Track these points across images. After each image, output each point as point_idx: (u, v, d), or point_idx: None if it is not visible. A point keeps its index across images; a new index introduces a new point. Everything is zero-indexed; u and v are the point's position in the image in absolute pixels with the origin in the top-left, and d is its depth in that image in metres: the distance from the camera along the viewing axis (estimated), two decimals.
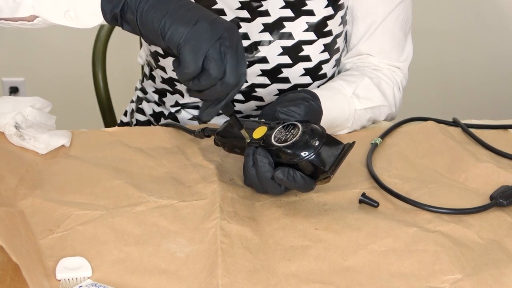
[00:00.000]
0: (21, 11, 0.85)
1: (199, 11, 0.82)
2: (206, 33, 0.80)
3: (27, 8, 0.84)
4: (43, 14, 0.85)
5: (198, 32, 0.80)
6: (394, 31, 1.20)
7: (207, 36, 0.80)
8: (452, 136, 1.11)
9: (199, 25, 0.80)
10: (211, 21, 0.81)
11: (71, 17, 0.84)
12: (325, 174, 0.88)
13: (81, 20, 0.84)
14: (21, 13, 0.85)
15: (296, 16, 1.15)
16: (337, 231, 0.88)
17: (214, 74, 0.81)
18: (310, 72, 1.17)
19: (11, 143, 1.03)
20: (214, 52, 0.80)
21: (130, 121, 1.38)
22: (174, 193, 0.95)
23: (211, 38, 0.80)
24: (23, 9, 0.85)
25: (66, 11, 0.83)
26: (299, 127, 0.90)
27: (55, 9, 0.83)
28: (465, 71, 2.44)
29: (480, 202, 0.95)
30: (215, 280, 0.78)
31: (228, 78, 0.82)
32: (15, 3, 0.85)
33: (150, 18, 0.81)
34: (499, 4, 2.35)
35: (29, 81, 2.48)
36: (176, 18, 0.80)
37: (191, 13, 0.81)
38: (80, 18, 0.84)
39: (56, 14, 0.84)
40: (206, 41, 0.80)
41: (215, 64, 0.81)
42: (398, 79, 1.23)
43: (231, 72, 0.82)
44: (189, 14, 0.81)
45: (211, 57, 0.81)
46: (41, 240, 0.85)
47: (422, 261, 0.83)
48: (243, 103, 1.20)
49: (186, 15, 0.81)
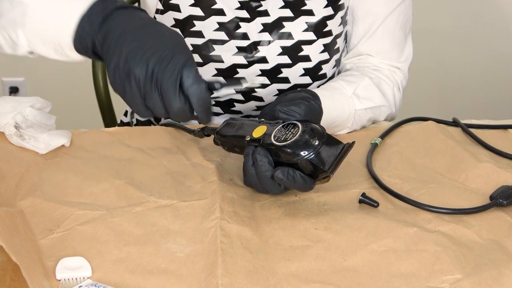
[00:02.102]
0: (19, 49, 0.92)
1: (131, 60, 0.83)
2: (135, 85, 0.83)
3: (23, 46, 0.91)
4: (37, 51, 0.92)
5: (130, 87, 0.84)
6: (394, 32, 1.21)
7: (138, 86, 0.83)
8: (452, 136, 1.11)
9: (128, 80, 0.83)
10: (138, 69, 0.82)
11: (60, 53, 0.90)
12: (324, 174, 0.88)
13: (69, 56, 0.90)
14: (20, 51, 0.92)
15: (295, 16, 1.15)
16: (337, 231, 0.88)
17: (161, 114, 0.85)
18: (309, 72, 1.17)
19: (11, 143, 1.03)
20: (148, 98, 0.83)
21: (130, 121, 1.38)
22: (174, 193, 0.95)
23: (142, 87, 0.83)
24: (21, 48, 0.92)
25: (55, 49, 0.90)
26: (299, 126, 0.90)
27: (46, 47, 0.90)
28: (465, 71, 2.44)
29: (480, 202, 0.95)
30: (215, 280, 0.78)
31: (169, 110, 0.84)
32: (13, 42, 0.91)
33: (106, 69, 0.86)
34: (499, 4, 2.35)
35: (29, 81, 2.48)
36: (113, 76, 0.84)
37: (124, 67, 0.83)
38: (68, 55, 0.90)
39: (48, 51, 0.91)
40: (138, 92, 0.83)
41: (154, 107, 0.84)
42: (398, 79, 1.23)
43: (168, 105, 0.83)
44: (122, 69, 0.83)
45: (148, 103, 0.84)
46: (41, 240, 0.85)
47: (422, 261, 0.83)
48: (243, 103, 1.20)
49: (120, 71, 0.83)
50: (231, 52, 1.15)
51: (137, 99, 0.83)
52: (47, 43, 0.90)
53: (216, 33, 1.14)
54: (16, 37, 0.90)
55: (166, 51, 0.83)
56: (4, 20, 0.90)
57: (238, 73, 1.16)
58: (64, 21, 0.87)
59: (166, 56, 0.83)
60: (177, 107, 0.83)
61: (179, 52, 0.83)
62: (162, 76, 0.82)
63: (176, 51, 0.83)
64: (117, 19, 0.85)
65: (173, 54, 0.83)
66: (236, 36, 1.14)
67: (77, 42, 0.87)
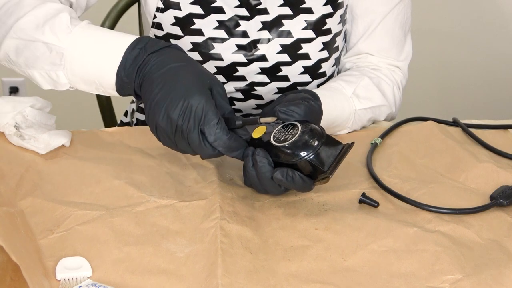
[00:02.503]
0: (61, 87, 0.98)
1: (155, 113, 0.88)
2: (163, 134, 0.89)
3: (65, 85, 0.97)
4: (79, 88, 0.98)
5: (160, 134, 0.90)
6: (393, 30, 1.21)
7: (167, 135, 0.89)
8: (452, 136, 1.11)
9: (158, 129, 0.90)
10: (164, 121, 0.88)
11: (103, 91, 0.95)
12: (323, 174, 0.88)
13: (112, 94, 0.95)
14: (61, 88, 0.98)
15: (294, 14, 1.15)
16: (337, 231, 0.88)
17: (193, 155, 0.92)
18: (309, 70, 1.17)
19: (11, 143, 1.03)
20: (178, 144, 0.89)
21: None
22: (174, 193, 0.95)
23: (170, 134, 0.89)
24: (62, 86, 0.98)
25: (97, 88, 0.95)
26: (298, 127, 0.90)
27: (88, 86, 0.96)
28: (465, 71, 2.44)
29: (480, 202, 0.95)
30: (215, 280, 0.78)
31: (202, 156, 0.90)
32: (53, 80, 0.97)
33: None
34: (499, 4, 2.35)
35: (29, 81, 2.47)
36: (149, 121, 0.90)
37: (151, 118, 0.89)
38: (111, 93, 0.95)
39: (90, 89, 0.96)
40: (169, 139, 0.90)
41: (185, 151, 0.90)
42: (397, 78, 1.23)
43: (199, 153, 0.89)
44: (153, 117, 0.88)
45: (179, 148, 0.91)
46: (41, 240, 0.85)
47: (422, 261, 0.83)
48: (243, 102, 1.20)
49: (152, 119, 0.88)
50: (231, 50, 1.15)
51: (171, 144, 0.90)
52: (89, 83, 0.95)
53: (215, 31, 1.14)
54: (57, 77, 0.96)
55: (186, 103, 0.86)
56: (42, 62, 0.95)
57: (237, 71, 1.16)
58: (103, 70, 0.92)
59: (186, 108, 0.86)
60: (207, 154, 0.89)
61: (200, 102, 0.87)
62: (187, 129, 0.86)
63: (196, 101, 0.87)
64: (150, 66, 0.89)
65: (193, 107, 0.86)
66: (236, 34, 1.14)
67: (120, 91, 0.93)
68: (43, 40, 0.95)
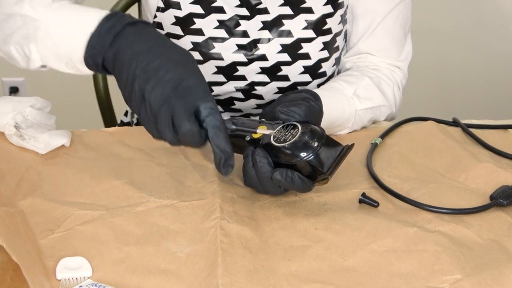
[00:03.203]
0: (33, 64, 0.94)
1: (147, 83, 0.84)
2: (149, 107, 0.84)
3: (36, 61, 0.94)
4: (50, 65, 0.94)
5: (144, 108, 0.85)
6: (394, 30, 1.21)
7: (152, 109, 0.84)
8: (452, 136, 1.11)
9: (144, 102, 0.84)
10: (153, 93, 0.83)
11: (72, 67, 0.92)
12: (323, 176, 0.88)
13: (79, 69, 0.92)
14: (32, 65, 0.95)
15: (295, 14, 1.15)
16: (337, 231, 0.88)
17: (167, 139, 0.85)
18: (309, 70, 1.17)
19: (11, 143, 1.03)
20: (159, 121, 0.84)
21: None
22: (174, 193, 0.95)
23: (155, 110, 0.84)
24: (34, 62, 0.94)
25: (67, 63, 0.92)
26: (298, 127, 0.90)
27: (58, 61, 0.93)
28: (465, 71, 2.44)
29: (480, 202, 0.95)
30: (215, 279, 0.78)
31: (181, 135, 0.84)
32: (26, 56, 0.94)
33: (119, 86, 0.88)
34: (499, 4, 2.35)
35: (29, 81, 2.48)
36: (127, 96, 0.86)
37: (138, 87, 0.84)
38: (79, 69, 0.92)
39: (60, 65, 0.93)
40: (151, 114, 0.84)
41: (162, 129, 0.84)
42: (397, 78, 1.23)
43: (180, 128, 0.84)
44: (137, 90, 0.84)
45: (158, 125, 0.84)
46: (41, 240, 0.85)
47: (422, 261, 0.83)
48: (243, 102, 1.20)
49: (135, 92, 0.85)
50: (231, 50, 1.15)
51: (150, 121, 0.85)
52: (59, 58, 0.92)
53: (216, 31, 1.14)
54: (29, 51, 0.93)
55: (182, 77, 0.84)
56: (18, 35, 0.93)
57: (238, 71, 1.16)
58: (75, 39, 0.89)
59: (182, 82, 0.84)
60: (187, 128, 0.83)
61: (195, 79, 0.85)
62: (177, 102, 0.83)
63: (192, 78, 0.84)
64: (128, 38, 0.87)
65: (191, 82, 0.84)
66: (236, 34, 1.14)
67: (88, 60, 0.89)
68: (21, 13, 0.93)
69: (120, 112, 1.46)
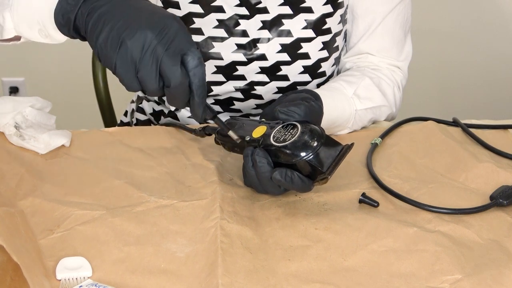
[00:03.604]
0: (6, 33, 0.91)
1: (125, 27, 0.81)
2: (131, 53, 0.80)
3: (10, 30, 0.90)
4: (23, 34, 0.91)
5: (123, 55, 0.80)
6: (394, 30, 1.21)
7: (132, 55, 0.80)
8: (452, 136, 1.11)
9: (122, 47, 0.80)
10: (134, 37, 0.80)
11: (45, 35, 0.89)
12: (322, 175, 0.88)
13: (52, 37, 0.89)
14: (6, 35, 0.91)
15: (294, 14, 1.15)
16: (337, 231, 0.88)
17: (150, 88, 0.81)
18: (309, 70, 1.17)
19: (11, 143, 1.03)
20: (143, 68, 0.80)
21: (130, 121, 1.38)
22: (174, 193, 0.95)
23: (137, 55, 0.80)
24: (7, 31, 0.91)
25: (39, 30, 0.89)
26: (298, 127, 0.90)
27: (31, 29, 0.89)
28: (465, 71, 2.44)
29: (480, 202, 0.95)
30: (215, 279, 0.78)
31: (167, 82, 0.81)
32: (0, 26, 0.91)
33: (90, 43, 0.84)
34: (499, 4, 2.35)
35: (29, 81, 2.48)
36: (103, 44, 0.81)
37: (116, 34, 0.81)
38: (51, 35, 0.89)
39: (33, 33, 0.89)
40: (132, 61, 0.80)
41: (146, 79, 0.81)
42: (398, 78, 1.23)
43: (168, 76, 0.81)
44: (114, 37, 0.81)
45: (141, 74, 0.81)
46: (41, 240, 0.85)
47: (422, 261, 0.83)
48: (242, 102, 1.20)
49: (112, 38, 0.81)
50: (231, 49, 1.15)
51: (129, 70, 0.81)
52: (32, 25, 0.88)
53: (215, 30, 1.14)
54: (3, 20, 0.90)
55: (165, 22, 0.81)
56: None
57: (237, 71, 1.16)
58: (48, 2, 0.85)
59: (168, 30, 0.80)
60: (178, 78, 0.80)
61: (178, 25, 0.81)
62: (165, 49, 0.80)
63: (175, 24, 0.81)
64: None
65: (174, 27, 0.81)
66: (236, 33, 1.14)
67: (58, 17, 0.85)
68: None
69: (120, 112, 1.46)
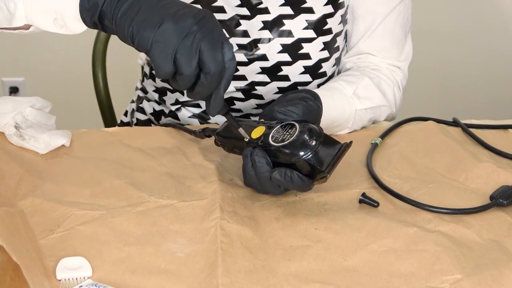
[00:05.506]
0: (16, 21, 0.88)
1: (165, 10, 0.81)
2: (171, 33, 0.80)
3: (21, 18, 0.88)
4: (35, 23, 0.88)
5: (163, 33, 0.80)
6: (394, 30, 1.21)
7: (173, 36, 0.80)
8: (452, 136, 1.11)
9: (163, 26, 0.80)
10: (176, 19, 0.81)
11: (60, 25, 0.87)
12: (322, 174, 0.88)
13: (69, 27, 0.87)
14: (16, 23, 0.89)
15: (295, 14, 1.15)
16: (337, 231, 0.88)
17: (186, 71, 0.81)
18: (309, 70, 1.17)
19: (11, 143, 1.03)
20: (182, 49, 0.80)
21: (130, 121, 1.38)
22: (174, 193, 0.95)
23: (178, 36, 0.80)
24: (17, 19, 0.88)
25: (55, 19, 0.87)
26: (296, 126, 0.90)
27: (45, 18, 0.87)
28: (465, 71, 2.44)
29: (480, 202, 0.95)
30: (215, 279, 0.78)
31: (207, 68, 0.81)
32: (10, 13, 0.88)
33: (121, 26, 0.83)
34: (499, 4, 2.35)
35: (29, 81, 2.48)
36: (141, 23, 0.81)
37: (157, 15, 0.81)
38: (68, 25, 0.87)
39: (46, 23, 0.87)
40: (172, 41, 0.80)
41: (184, 61, 0.81)
42: (398, 78, 1.23)
43: (210, 62, 0.81)
44: (155, 16, 0.81)
45: (179, 55, 0.81)
46: (41, 240, 0.85)
47: (422, 261, 0.83)
48: (243, 102, 1.20)
49: (151, 18, 0.81)
50: None
51: (166, 50, 0.80)
52: (48, 13, 0.87)
53: None
54: (14, 7, 0.87)
55: (206, 16, 0.81)
56: None
57: (238, 71, 1.16)
58: None
59: (207, 20, 0.81)
60: (220, 65, 0.81)
61: (217, 22, 0.83)
62: (205, 35, 0.80)
63: (215, 20, 0.82)
64: None
65: (214, 22, 0.82)
66: (237, 34, 1.15)
67: (84, 1, 0.84)
68: None
69: (120, 112, 1.46)
